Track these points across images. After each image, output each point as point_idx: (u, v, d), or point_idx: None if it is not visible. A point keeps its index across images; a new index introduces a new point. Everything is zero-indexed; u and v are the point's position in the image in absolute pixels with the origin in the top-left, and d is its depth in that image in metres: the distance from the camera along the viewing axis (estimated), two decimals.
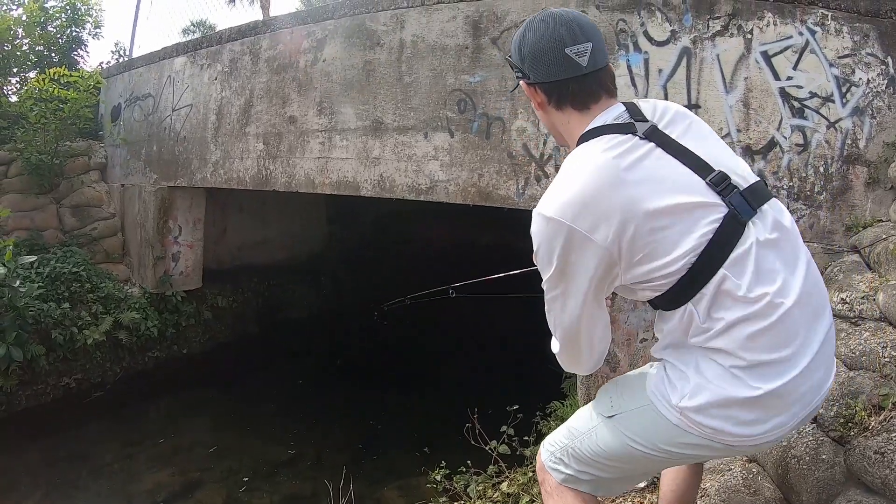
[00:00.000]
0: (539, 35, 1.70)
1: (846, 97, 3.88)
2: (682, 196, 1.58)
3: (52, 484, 5.93)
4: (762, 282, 1.58)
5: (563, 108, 1.76)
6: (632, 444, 1.83)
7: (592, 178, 1.58)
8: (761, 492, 2.85)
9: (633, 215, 1.54)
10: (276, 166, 6.48)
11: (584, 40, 1.66)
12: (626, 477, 2.06)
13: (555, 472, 2.07)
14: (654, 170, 1.60)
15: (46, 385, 7.28)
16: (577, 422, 2.06)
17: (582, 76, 1.69)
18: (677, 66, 4.22)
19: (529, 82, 1.78)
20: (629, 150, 1.61)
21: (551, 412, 4.87)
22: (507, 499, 4.00)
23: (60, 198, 8.76)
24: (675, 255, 1.57)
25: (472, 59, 4.97)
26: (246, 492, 5.86)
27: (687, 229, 1.57)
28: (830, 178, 3.94)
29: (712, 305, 1.60)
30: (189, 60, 7.76)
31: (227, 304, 9.61)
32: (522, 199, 4.74)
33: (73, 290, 7.71)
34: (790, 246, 1.66)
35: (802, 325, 1.62)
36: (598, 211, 1.55)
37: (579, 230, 1.56)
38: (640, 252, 1.58)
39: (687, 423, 1.67)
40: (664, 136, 1.66)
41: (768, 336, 1.58)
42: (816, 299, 1.68)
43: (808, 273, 1.67)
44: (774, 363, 1.59)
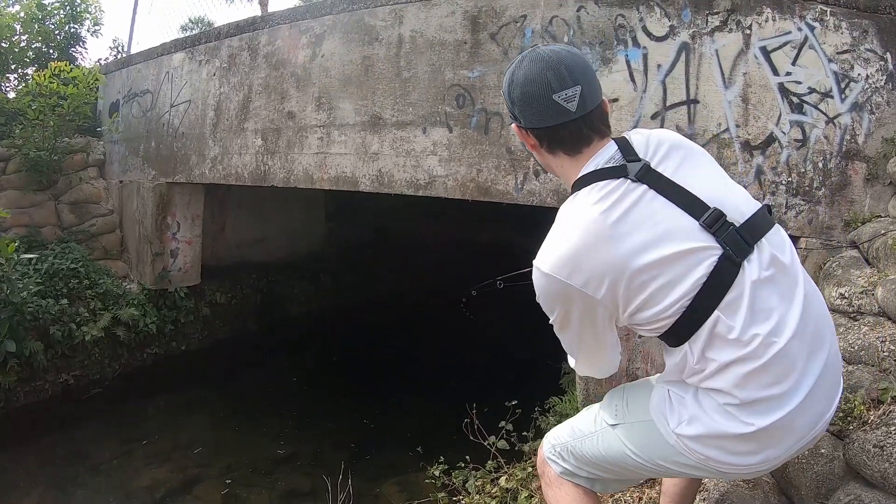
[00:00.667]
0: (526, 80, 1.69)
1: (845, 93, 3.88)
2: (672, 246, 1.58)
3: (51, 481, 5.91)
4: (756, 322, 1.58)
5: (555, 153, 1.77)
6: (630, 454, 1.90)
7: (582, 237, 1.61)
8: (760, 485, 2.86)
9: (622, 272, 1.58)
10: (275, 162, 6.47)
11: (573, 84, 1.65)
12: (623, 479, 2.11)
13: (553, 465, 2.14)
14: (643, 219, 1.61)
15: (45, 382, 7.26)
16: (581, 422, 2.12)
17: (572, 121, 1.68)
18: (676, 62, 4.22)
19: (521, 126, 1.78)
20: (620, 198, 1.62)
21: (550, 408, 4.87)
22: (505, 494, 4.00)
23: (59, 194, 8.74)
24: (667, 302, 1.60)
25: (470, 54, 4.96)
26: (245, 487, 5.86)
27: (678, 278, 1.58)
28: (829, 174, 3.94)
29: (706, 347, 1.61)
30: (187, 56, 7.75)
31: (225, 301, 9.60)
32: (521, 193, 4.74)
33: (71, 287, 7.70)
34: (788, 280, 1.65)
35: (800, 358, 1.61)
36: (589, 269, 1.59)
37: (574, 286, 1.61)
38: (634, 302, 1.62)
39: (683, 447, 1.71)
40: (657, 176, 1.66)
41: (762, 375, 1.58)
42: (815, 328, 1.66)
43: (806, 304, 1.65)
44: (768, 400, 1.59)
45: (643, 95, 4.32)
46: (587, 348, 1.83)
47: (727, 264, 1.58)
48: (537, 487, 3.92)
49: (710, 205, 1.62)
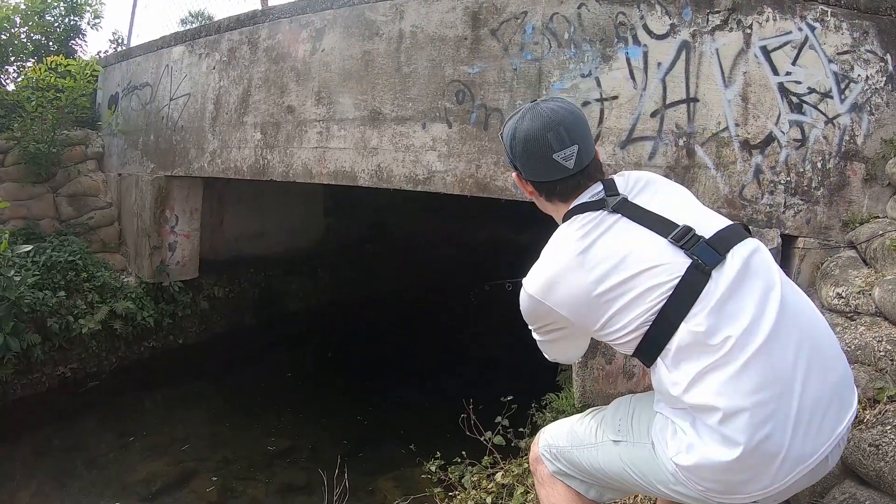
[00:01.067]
0: (528, 139, 1.82)
1: (845, 93, 3.89)
2: (637, 265, 1.68)
3: (47, 473, 5.92)
4: (727, 325, 1.61)
5: (552, 201, 1.92)
6: (629, 472, 1.88)
7: (556, 266, 1.77)
8: None
9: (587, 298, 1.71)
10: (274, 156, 6.47)
11: (571, 144, 1.79)
12: (621, 491, 2.08)
13: (548, 463, 2.14)
14: (614, 244, 1.73)
15: (42, 374, 7.27)
16: (582, 429, 2.09)
17: (570, 177, 1.83)
18: (676, 60, 4.22)
19: (521, 177, 1.94)
20: (595, 227, 1.76)
21: (546, 404, 4.88)
22: (501, 489, 4.00)
23: (57, 187, 8.72)
24: (633, 316, 1.68)
25: (470, 50, 4.96)
26: (241, 481, 5.87)
27: (643, 293, 1.67)
28: (828, 174, 3.95)
29: (680, 357, 1.65)
30: (187, 50, 7.74)
31: (223, 295, 9.61)
32: (520, 191, 4.74)
33: (68, 279, 7.69)
34: (762, 285, 1.67)
35: (784, 362, 1.59)
36: (560, 292, 1.75)
37: (549, 305, 1.78)
38: (601, 320, 1.73)
39: (682, 477, 1.69)
40: (632, 206, 1.79)
41: (742, 380, 1.57)
42: (804, 336, 1.64)
43: (787, 310, 1.65)
44: (755, 409, 1.55)
45: (643, 93, 4.33)
46: (559, 350, 2.01)
47: (696, 273, 1.65)
48: (533, 483, 3.92)
49: (679, 223, 1.72)
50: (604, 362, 4.28)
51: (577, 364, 4.39)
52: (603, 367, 4.30)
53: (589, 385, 4.33)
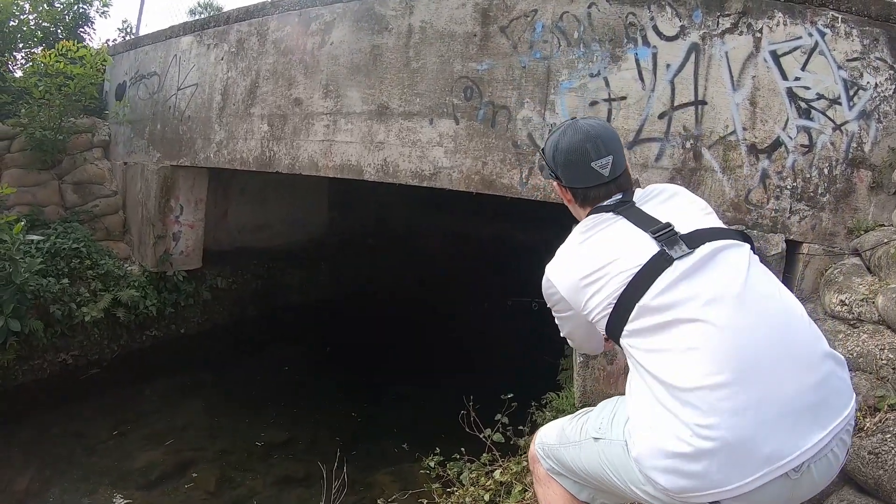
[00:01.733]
0: (569, 148, 2.05)
1: (853, 100, 3.88)
2: (611, 255, 1.87)
3: (45, 460, 5.93)
4: (679, 308, 1.70)
5: (586, 206, 2.11)
6: (607, 471, 1.93)
7: (562, 254, 2.04)
8: None
9: (573, 284, 1.94)
10: (280, 148, 6.47)
11: (606, 154, 2.01)
12: (610, 493, 2.08)
13: (542, 461, 2.26)
14: (602, 239, 1.95)
15: (43, 360, 7.27)
16: (570, 427, 2.18)
17: (603, 184, 2.04)
18: (685, 62, 4.22)
19: (562, 184, 2.15)
20: (597, 224, 2.00)
21: (546, 403, 4.88)
22: (499, 487, 4.01)
23: (63, 174, 8.73)
24: (602, 296, 1.84)
25: (480, 46, 4.96)
26: (240, 472, 5.88)
27: (612, 279, 1.83)
28: (834, 181, 3.95)
29: (636, 337, 1.76)
30: (196, 40, 7.74)
31: (226, 286, 9.61)
32: (525, 188, 4.75)
33: (72, 266, 7.71)
34: (726, 274, 1.74)
35: (746, 350, 1.60)
36: (561, 277, 2.00)
37: (554, 285, 2.02)
38: (581, 303, 1.93)
39: (641, 472, 1.68)
40: (633, 210, 1.97)
41: (697, 360, 1.61)
42: (777, 333, 1.65)
43: (748, 302, 1.68)
44: (707, 391, 1.56)
45: (651, 94, 4.32)
46: (571, 328, 2.17)
47: (659, 260, 1.78)
48: (531, 482, 3.93)
49: (663, 220, 1.89)
50: (605, 363, 4.29)
51: (578, 363, 4.40)
52: (604, 368, 4.31)
53: (590, 385, 4.34)
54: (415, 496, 4.47)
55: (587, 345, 2.29)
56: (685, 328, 1.66)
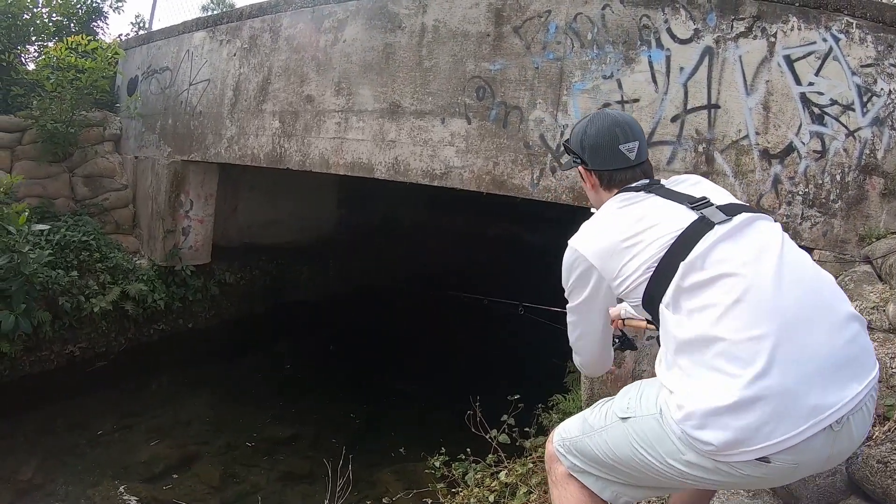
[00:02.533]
0: (598, 132, 2.14)
1: (867, 106, 3.86)
2: (650, 221, 1.90)
3: (50, 450, 5.96)
4: (722, 265, 1.73)
5: (611, 189, 2.14)
6: (640, 450, 1.85)
7: (599, 221, 2.04)
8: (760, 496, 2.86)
9: (612, 246, 1.92)
10: (291, 144, 6.48)
11: (633, 139, 2.11)
12: (635, 485, 2.02)
13: (563, 459, 2.14)
14: (642, 208, 1.97)
15: (51, 352, 7.30)
16: (592, 416, 2.10)
17: (629, 167, 2.11)
18: (699, 65, 4.21)
19: (588, 168, 2.19)
20: (631, 198, 2.02)
21: (553, 405, 4.87)
22: (504, 488, 4.01)
23: (73, 167, 8.76)
24: (643, 259, 1.85)
25: (493, 46, 4.95)
26: (244, 467, 5.89)
27: (653, 242, 1.85)
28: (846, 187, 3.92)
29: (679, 297, 1.77)
30: (208, 36, 7.75)
31: (234, 281, 9.63)
32: (537, 189, 4.74)
33: (81, 259, 7.74)
34: (761, 240, 1.80)
35: (781, 304, 1.65)
36: (594, 243, 1.97)
37: (582, 253, 1.98)
38: (618, 268, 1.90)
39: (689, 438, 1.66)
40: (664, 189, 2.03)
41: (739, 312, 1.64)
42: (810, 295, 1.70)
43: (785, 263, 1.73)
44: (751, 343, 1.59)
45: (664, 97, 4.31)
46: (586, 326, 2.14)
47: (699, 225, 1.83)
48: (536, 483, 3.93)
49: (699, 196, 1.96)
50: (614, 367, 4.27)
51: None
52: (612, 371, 4.29)
53: (597, 388, 4.33)
54: (419, 495, 4.47)
55: (596, 355, 2.25)
56: (730, 282, 1.69)
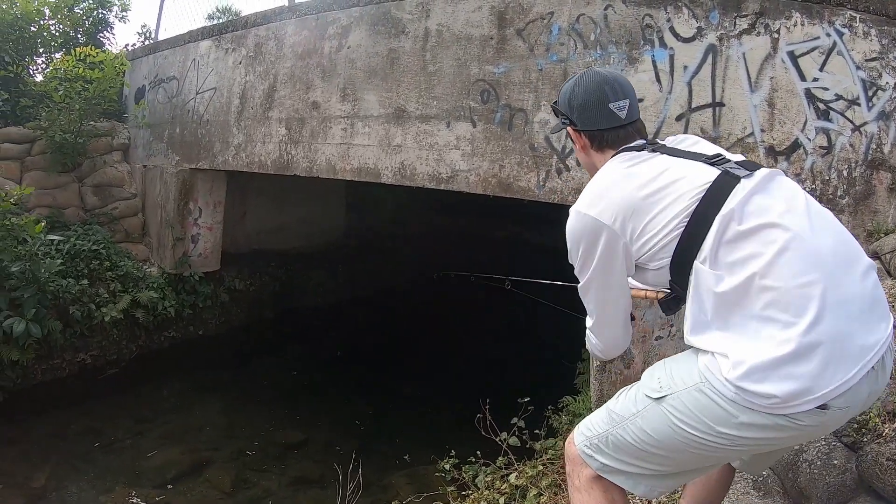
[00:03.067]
0: (587, 91, 2.05)
1: (872, 101, 3.83)
2: (672, 176, 1.83)
3: (63, 457, 6.01)
4: (761, 216, 1.69)
5: (604, 150, 2.07)
6: (684, 428, 1.74)
7: (605, 180, 1.93)
8: (771, 495, 2.84)
9: (632, 201, 1.83)
10: (298, 151, 6.50)
11: (623, 97, 2.02)
12: (673, 472, 1.92)
13: (589, 460, 1.97)
14: (651, 166, 1.89)
15: (62, 360, 7.36)
16: (618, 405, 1.95)
17: (621, 126, 2.03)
18: (702, 64, 4.19)
19: (577, 129, 2.11)
20: (637, 157, 1.94)
21: (563, 407, 4.86)
22: (514, 491, 3.99)
23: (82, 177, 8.84)
24: (671, 215, 1.78)
25: (496, 49, 4.95)
26: (255, 472, 5.91)
27: (679, 196, 1.78)
28: (853, 183, 3.90)
29: (719, 250, 1.71)
30: (214, 44, 7.79)
31: (244, 288, 9.67)
32: (543, 191, 4.73)
33: (92, 268, 7.79)
34: (788, 189, 1.79)
35: (821, 253, 1.63)
36: (606, 201, 1.87)
37: (595, 217, 1.86)
38: (641, 225, 1.82)
39: (743, 398, 1.60)
40: (670, 148, 1.97)
41: (786, 259, 1.61)
42: (837, 243, 1.69)
43: (813, 208, 1.74)
44: (802, 290, 1.57)
45: (668, 97, 4.30)
46: (602, 299, 2.02)
47: (726, 178, 1.78)
48: (547, 486, 3.92)
49: (711, 153, 1.91)
50: (622, 367, 4.26)
51: (595, 367, 4.38)
52: (621, 372, 4.28)
53: (606, 389, 4.31)
54: (430, 499, 4.46)
55: (620, 334, 2.09)
56: (773, 232, 1.65)
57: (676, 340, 4.09)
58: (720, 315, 1.69)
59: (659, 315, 4.02)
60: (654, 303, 2.14)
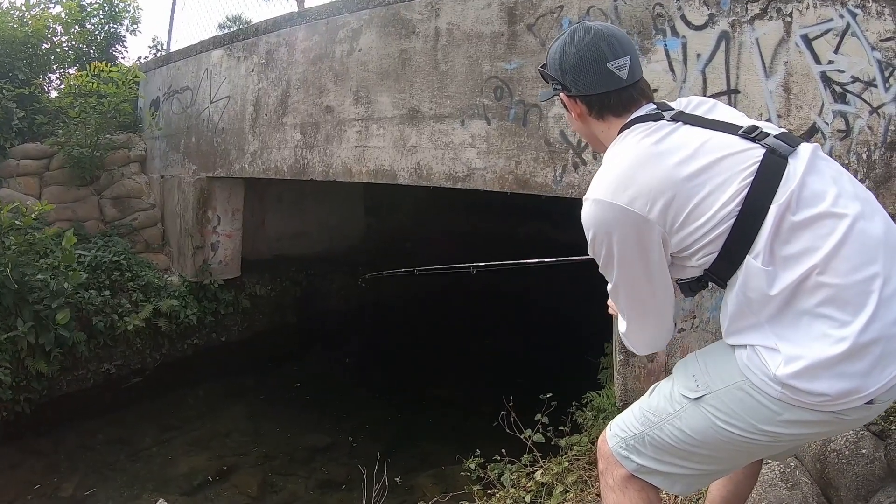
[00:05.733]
0: (580, 50, 1.78)
1: (889, 82, 3.78)
2: (714, 153, 1.63)
3: (90, 466, 6.05)
4: (816, 204, 1.56)
5: (605, 117, 1.84)
6: (726, 427, 1.70)
7: (630, 160, 1.67)
8: (799, 486, 2.81)
9: (670, 184, 1.61)
10: (314, 155, 6.52)
11: (623, 55, 1.76)
12: (711, 470, 1.88)
13: (626, 461, 1.91)
14: (683, 139, 1.67)
15: (87, 371, 7.42)
16: (653, 404, 1.90)
17: (623, 88, 1.78)
18: (716, 51, 4.16)
19: (571, 95, 1.86)
20: (659, 129, 1.70)
21: (587, 402, 4.84)
22: (540, 488, 3.99)
23: (101, 189, 8.93)
24: (719, 205, 1.59)
25: (507, 46, 4.94)
26: (282, 477, 5.93)
27: (726, 180, 1.60)
28: (873, 166, 3.85)
29: (774, 243, 1.57)
30: (226, 53, 7.83)
31: (265, 294, 9.69)
32: (560, 186, 4.71)
33: (113, 279, 7.86)
34: (835, 171, 1.65)
35: (878, 240, 1.55)
36: (638, 186, 1.62)
37: (623, 205, 1.62)
38: (683, 213, 1.62)
39: (790, 396, 1.56)
40: (690, 116, 1.75)
41: (845, 252, 1.52)
42: (882, 217, 1.61)
43: (861, 194, 1.63)
44: (862, 286, 1.50)
45: (683, 86, 4.27)
46: (639, 302, 1.82)
47: (773, 158, 1.61)
48: (573, 482, 3.90)
49: (744, 125, 1.70)
50: (646, 360, 4.24)
51: (618, 361, 4.35)
52: (645, 366, 4.26)
53: (630, 383, 4.29)
54: (455, 498, 4.45)
55: (662, 330, 1.90)
56: (829, 223, 1.54)
57: (699, 332, 4.06)
58: (769, 311, 1.60)
59: (681, 308, 3.99)
60: (677, 293, 2.02)
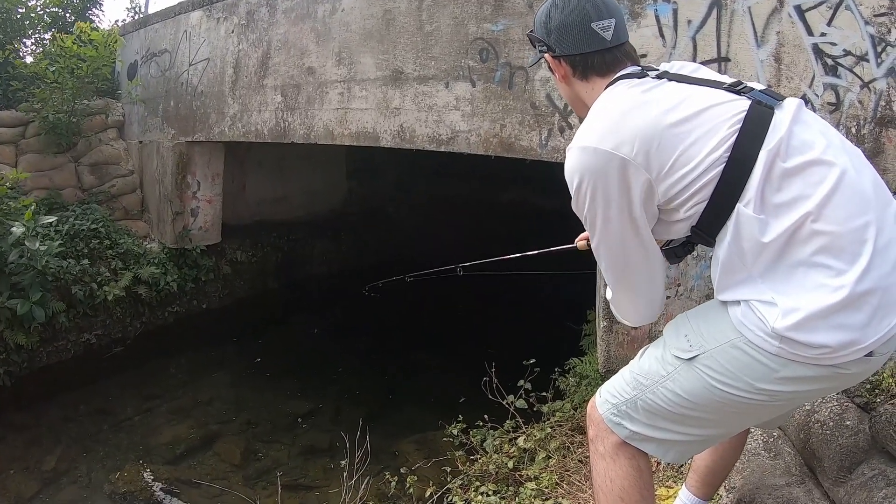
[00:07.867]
0: (565, 10, 1.80)
1: (881, 57, 3.74)
2: (700, 104, 1.64)
3: (73, 438, 6.03)
4: (805, 151, 1.57)
5: (589, 77, 1.86)
6: (721, 387, 1.67)
7: (615, 108, 1.68)
8: (781, 455, 2.82)
9: (656, 130, 1.61)
10: (295, 118, 6.42)
11: (608, 16, 1.78)
12: (705, 436, 1.84)
13: (618, 428, 1.87)
14: (670, 92, 1.69)
15: (67, 342, 7.32)
16: (644, 368, 1.86)
17: (606, 49, 1.81)
18: (707, 18, 4.09)
19: (555, 55, 1.88)
20: (644, 83, 1.72)
21: (570, 369, 4.85)
22: (523, 454, 4.01)
23: (78, 156, 8.75)
24: (706, 151, 1.60)
25: (494, 6, 4.85)
26: (264, 444, 5.93)
27: (712, 128, 1.60)
28: (863, 140, 3.82)
29: (765, 190, 1.56)
30: (205, 14, 7.66)
31: (246, 259, 9.63)
32: (545, 150, 4.66)
33: (92, 247, 7.74)
34: (822, 124, 1.67)
35: (867, 191, 1.55)
36: (623, 130, 1.62)
37: (605, 149, 1.62)
38: (670, 159, 1.61)
39: (788, 350, 1.54)
40: (676, 74, 1.78)
41: (836, 200, 1.51)
42: (874, 178, 1.62)
43: (849, 147, 1.64)
44: (856, 234, 1.49)
45: (672, 52, 4.21)
46: (624, 258, 1.79)
47: (760, 108, 1.62)
48: (555, 448, 3.92)
49: (729, 81, 1.73)
50: (629, 327, 4.23)
51: (601, 328, 4.34)
52: (628, 332, 4.26)
53: (613, 350, 4.29)
54: (438, 464, 4.46)
55: (657, 297, 1.88)
56: (820, 170, 1.53)
57: (684, 300, 4.05)
58: (763, 263, 1.58)
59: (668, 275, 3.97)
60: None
